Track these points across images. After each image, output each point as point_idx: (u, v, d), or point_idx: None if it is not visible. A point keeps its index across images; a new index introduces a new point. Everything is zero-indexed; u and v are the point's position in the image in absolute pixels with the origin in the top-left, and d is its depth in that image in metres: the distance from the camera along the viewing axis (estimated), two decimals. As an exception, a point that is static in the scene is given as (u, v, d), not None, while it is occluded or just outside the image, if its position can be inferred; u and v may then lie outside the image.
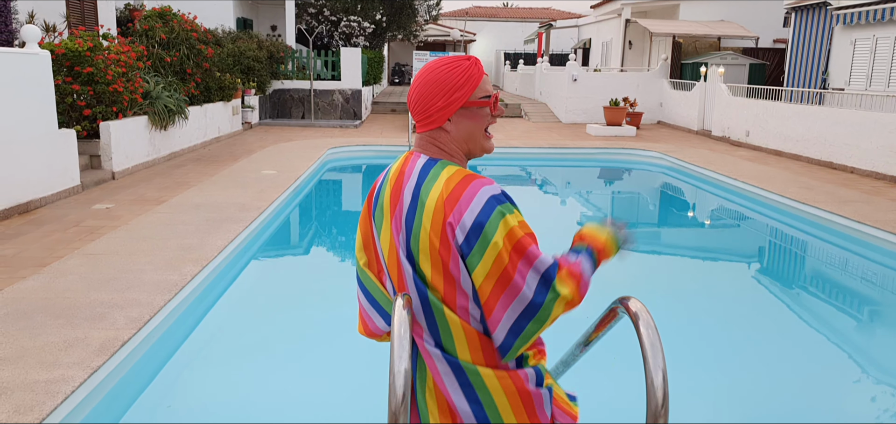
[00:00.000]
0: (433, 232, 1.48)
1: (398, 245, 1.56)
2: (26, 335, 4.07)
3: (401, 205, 1.55)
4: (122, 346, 3.96)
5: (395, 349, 1.40)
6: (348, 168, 13.20)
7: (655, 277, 7.10)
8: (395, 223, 1.57)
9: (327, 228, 8.99)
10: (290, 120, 18.98)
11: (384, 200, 1.61)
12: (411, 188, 1.53)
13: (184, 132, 12.47)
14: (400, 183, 1.57)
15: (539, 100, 24.59)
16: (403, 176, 1.57)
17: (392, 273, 1.61)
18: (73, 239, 6.37)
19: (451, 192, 1.46)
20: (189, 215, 7.44)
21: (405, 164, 1.59)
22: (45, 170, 7.88)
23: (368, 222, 1.72)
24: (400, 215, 1.55)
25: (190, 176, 10.05)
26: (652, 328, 1.53)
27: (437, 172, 1.51)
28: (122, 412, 3.76)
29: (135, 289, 4.94)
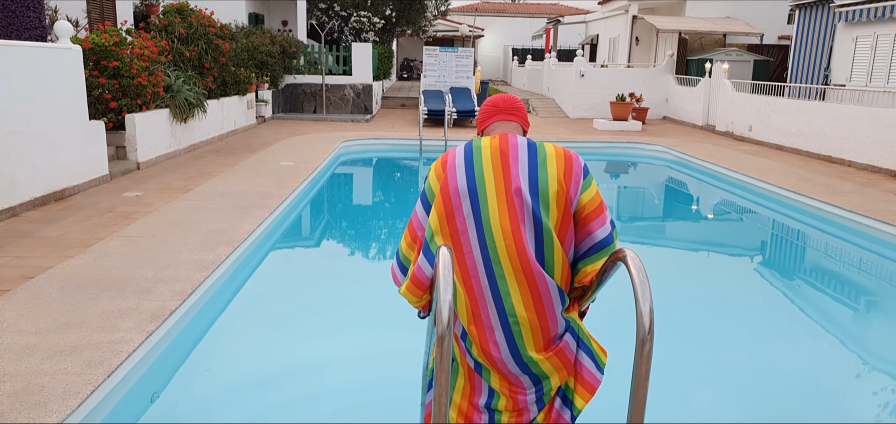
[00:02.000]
0: (562, 176, 2.04)
1: (522, 194, 2.00)
2: (84, 304, 4.52)
3: (518, 165, 2.03)
4: (170, 314, 4.40)
5: (441, 285, 1.82)
6: (361, 161, 13.63)
7: (658, 267, 7.49)
8: (514, 181, 2.01)
9: (340, 213, 9.41)
10: (303, 114, 19.42)
11: (486, 170, 2.04)
12: (526, 152, 2.05)
13: (202, 125, 12.92)
14: (507, 153, 2.06)
15: (547, 95, 24.94)
16: (509, 148, 2.07)
17: (502, 225, 2.00)
18: (111, 223, 6.82)
19: (566, 153, 2.08)
20: (216, 202, 7.88)
21: (503, 143, 2.09)
22: (78, 159, 8.34)
23: (447, 202, 2.07)
24: (517, 173, 2.02)
25: (211, 167, 10.50)
26: (641, 269, 1.93)
27: (542, 143, 2.11)
28: (174, 370, 4.20)
29: (174, 267, 5.38)
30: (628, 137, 15.93)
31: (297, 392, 4.02)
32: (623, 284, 2.15)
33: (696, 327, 5.53)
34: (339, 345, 4.74)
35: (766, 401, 4.18)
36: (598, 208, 2.10)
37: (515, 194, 2.00)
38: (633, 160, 14.56)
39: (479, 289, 2.03)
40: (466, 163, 2.07)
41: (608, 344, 2.35)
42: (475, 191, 2.03)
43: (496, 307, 2.02)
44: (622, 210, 10.46)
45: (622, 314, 3.45)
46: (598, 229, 2.09)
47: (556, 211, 2.02)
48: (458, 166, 2.08)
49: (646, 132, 16.92)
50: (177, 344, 4.40)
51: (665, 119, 20.51)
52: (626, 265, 1.97)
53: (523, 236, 1.99)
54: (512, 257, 1.99)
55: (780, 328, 5.62)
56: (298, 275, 6.53)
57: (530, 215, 2.00)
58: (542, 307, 2.02)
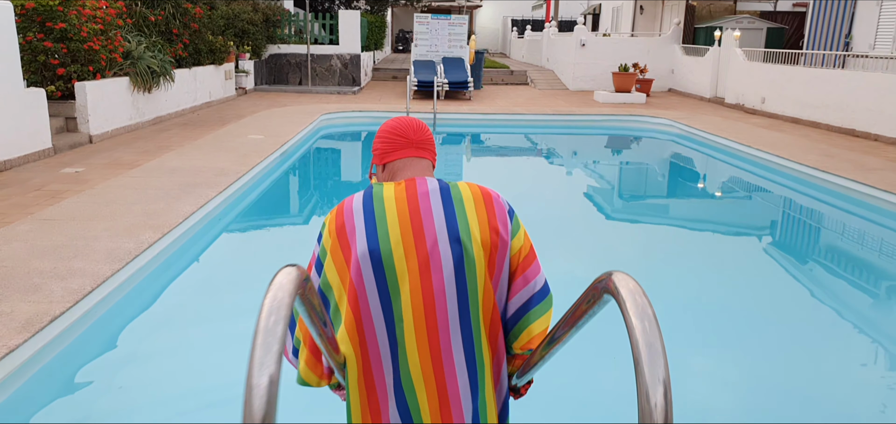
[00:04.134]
0: (487, 219, 1.60)
1: (439, 253, 1.54)
2: (-54, 308, 3.63)
3: (432, 216, 1.57)
4: (50, 322, 3.51)
5: (257, 357, 0.93)
6: (342, 135, 12.69)
7: (662, 250, 6.60)
8: (428, 237, 1.55)
9: (313, 195, 8.51)
10: (287, 86, 18.43)
11: (392, 229, 1.55)
12: (438, 198, 1.59)
13: (170, 96, 11.96)
14: (416, 203, 1.58)
15: (546, 67, 23.91)
16: (419, 197, 1.60)
17: (415, 314, 1.54)
18: (31, 204, 5.92)
19: (484, 191, 1.65)
20: (162, 179, 6.97)
21: (411, 190, 1.61)
22: (10, 131, 7.41)
23: (345, 250, 1.58)
24: (432, 226, 1.55)
25: (173, 140, 9.57)
26: (649, 317, 1.03)
27: (454, 183, 1.65)
28: (42, 400, 3.30)
29: (82, 257, 4.49)
30: (631, 109, 14.94)
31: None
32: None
33: (705, 318, 4.67)
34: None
35: (783, 401, 3.36)
36: (532, 252, 1.70)
37: (431, 254, 1.54)
38: (636, 134, 13.59)
39: (382, 396, 1.58)
40: (367, 220, 1.57)
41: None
42: (379, 261, 1.54)
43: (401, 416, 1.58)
44: (624, 188, 9.55)
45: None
46: (535, 276, 1.67)
47: (486, 265, 1.59)
48: (357, 226, 1.57)
49: (650, 105, 15.92)
50: (56, 365, 3.50)
51: (671, 91, 19.48)
52: (622, 309, 1.07)
53: (447, 333, 1.54)
54: (425, 368, 1.54)
55: (800, 321, 4.74)
56: (248, 268, 5.61)
57: (453, 282, 1.55)
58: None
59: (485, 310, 1.58)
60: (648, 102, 16.50)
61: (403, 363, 1.53)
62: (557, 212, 7.94)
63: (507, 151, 12.66)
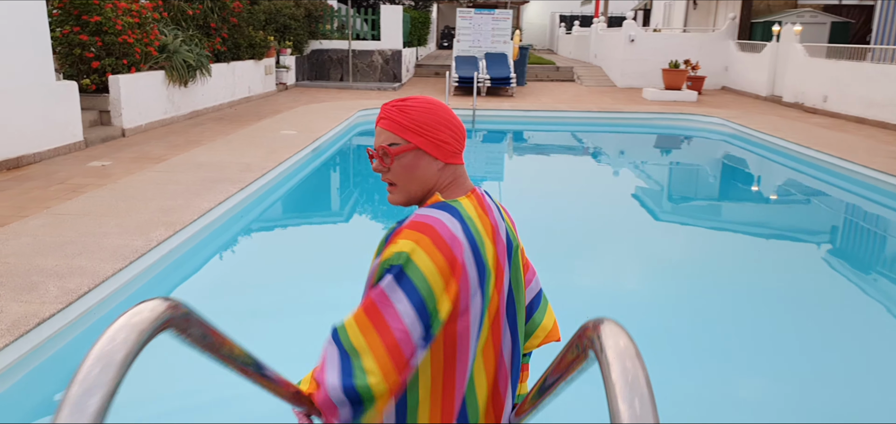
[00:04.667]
0: (512, 221, 1.53)
1: (505, 246, 1.42)
2: (-64, 306, 3.48)
3: (496, 221, 1.42)
4: (36, 325, 3.31)
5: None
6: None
7: (713, 256, 6.12)
8: (498, 237, 1.39)
9: (343, 193, 8.27)
10: (328, 82, 18.36)
11: (484, 237, 1.35)
12: (496, 210, 1.45)
13: (207, 90, 11.94)
14: (486, 209, 1.41)
15: (594, 63, 23.28)
16: (485, 203, 1.43)
17: (496, 286, 1.38)
18: (51, 198, 5.83)
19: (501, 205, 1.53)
20: (186, 174, 6.83)
21: (480, 200, 1.42)
22: (39, 123, 7.39)
23: (460, 282, 1.28)
24: (498, 228, 1.42)
25: (205, 135, 9.49)
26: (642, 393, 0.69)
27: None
28: (17, 415, 3.10)
29: (86, 255, 4.31)
30: (681, 107, 14.29)
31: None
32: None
33: (757, 328, 4.21)
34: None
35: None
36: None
37: (503, 265, 1.41)
38: (687, 134, 12.96)
39: (456, 397, 1.35)
40: (474, 249, 1.32)
41: None
42: (484, 284, 1.34)
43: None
44: (673, 189, 9.03)
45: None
46: (535, 275, 1.66)
47: (522, 267, 1.55)
48: (469, 259, 1.30)
49: (701, 103, 15.22)
50: (39, 373, 3.30)
51: (724, 89, 18.65)
52: (602, 363, 0.74)
53: (505, 334, 1.43)
54: (488, 371, 1.39)
55: (863, 336, 4.22)
56: (266, 270, 5.38)
57: (507, 285, 1.43)
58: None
59: (523, 310, 1.51)
60: (700, 100, 15.79)
61: (476, 367, 1.36)
62: (602, 213, 7.51)
63: (549, 149, 12.22)
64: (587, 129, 13.19)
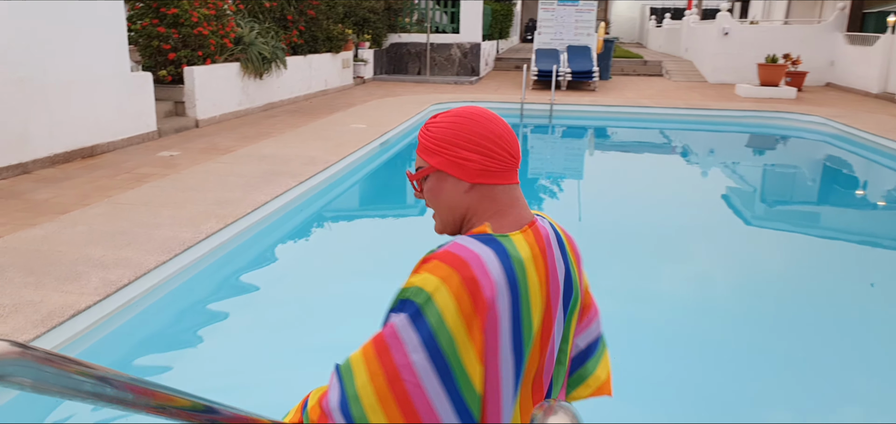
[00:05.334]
0: (578, 265, 1.31)
1: (559, 298, 1.22)
2: (-19, 293, 3.53)
3: (555, 266, 1.21)
4: (70, 317, 3.29)
5: None
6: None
7: (811, 265, 5.56)
8: (553, 286, 1.19)
9: (409, 189, 8.10)
10: (406, 76, 18.35)
11: (536, 290, 1.15)
12: (556, 243, 1.24)
13: (283, 83, 12.10)
14: (545, 251, 1.20)
15: (684, 57, 22.23)
16: (545, 242, 1.21)
17: (537, 354, 1.18)
18: (115, 187, 5.95)
19: (567, 234, 1.31)
20: (249, 166, 6.84)
21: (540, 244, 1.20)
22: (114, 113, 7.62)
23: (489, 335, 1.09)
24: (557, 277, 1.21)
25: (276, 127, 9.57)
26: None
27: (552, 226, 1.27)
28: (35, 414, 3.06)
29: (134, 246, 4.31)
30: (778, 105, 13.32)
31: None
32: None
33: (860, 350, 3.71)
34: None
35: None
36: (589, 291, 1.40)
37: (554, 318, 1.20)
38: (783, 133, 12.06)
39: None
40: (513, 303, 1.11)
41: None
42: (520, 348, 1.13)
43: None
44: (766, 193, 8.36)
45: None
46: (597, 316, 1.41)
47: (575, 322, 1.31)
48: (503, 309, 1.09)
49: (801, 100, 14.15)
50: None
51: (828, 86, 17.32)
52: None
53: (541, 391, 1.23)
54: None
55: None
56: (321, 269, 5.26)
57: (557, 337, 1.22)
58: None
59: (565, 364, 1.32)
60: (799, 97, 14.69)
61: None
62: (688, 216, 7.01)
63: (631, 146, 11.66)
64: (672, 126, 12.50)
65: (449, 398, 1.06)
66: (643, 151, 11.35)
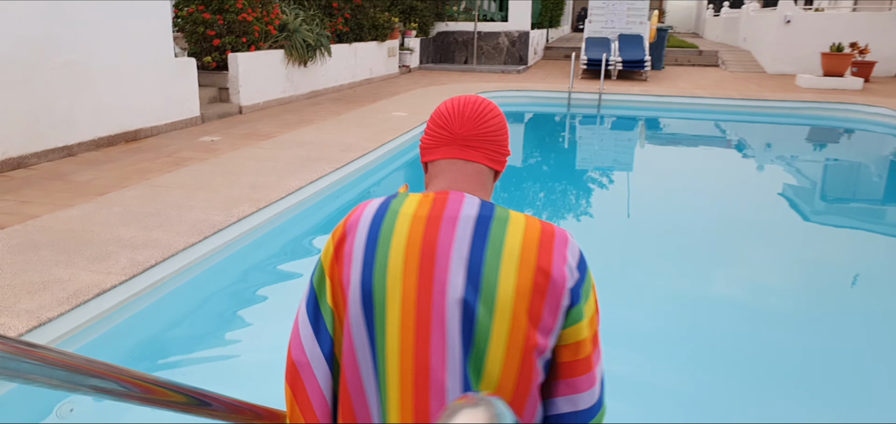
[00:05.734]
0: (533, 272, 1.09)
1: (446, 285, 1.09)
2: (14, 269, 3.59)
3: (450, 253, 1.11)
4: (95, 296, 3.31)
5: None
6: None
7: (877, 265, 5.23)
8: (438, 281, 1.10)
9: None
10: (452, 65, 18.25)
11: (393, 261, 1.12)
12: (472, 224, 1.13)
13: (327, 70, 12.15)
14: (439, 219, 1.14)
15: (742, 47, 21.46)
16: (443, 223, 1.13)
17: (405, 329, 1.11)
18: (154, 170, 6.04)
19: (547, 230, 1.14)
20: (287, 152, 6.87)
21: (436, 209, 1.15)
22: (158, 98, 7.75)
23: (342, 270, 1.17)
24: (447, 266, 1.10)
25: (318, 115, 9.61)
26: None
27: (506, 213, 1.15)
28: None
29: (166, 228, 4.34)
30: (842, 96, 12.70)
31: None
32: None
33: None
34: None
35: None
36: (592, 343, 1.14)
37: (434, 308, 1.08)
38: (847, 126, 11.49)
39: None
40: (369, 241, 1.15)
41: None
42: (370, 298, 1.12)
43: None
44: (827, 190, 7.96)
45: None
46: (586, 387, 1.14)
47: (511, 337, 1.08)
48: (357, 249, 1.15)
49: (868, 91, 13.46)
50: (87, 349, 3.29)
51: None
52: None
53: (441, 394, 1.09)
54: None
55: None
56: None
57: (458, 353, 1.08)
58: None
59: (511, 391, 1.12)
60: (866, 88, 13.98)
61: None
62: (743, 212, 6.71)
63: (681, 138, 11.30)
64: (727, 117, 12.06)
65: (311, 324, 1.21)
66: (695, 144, 10.99)
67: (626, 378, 3.14)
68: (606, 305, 3.74)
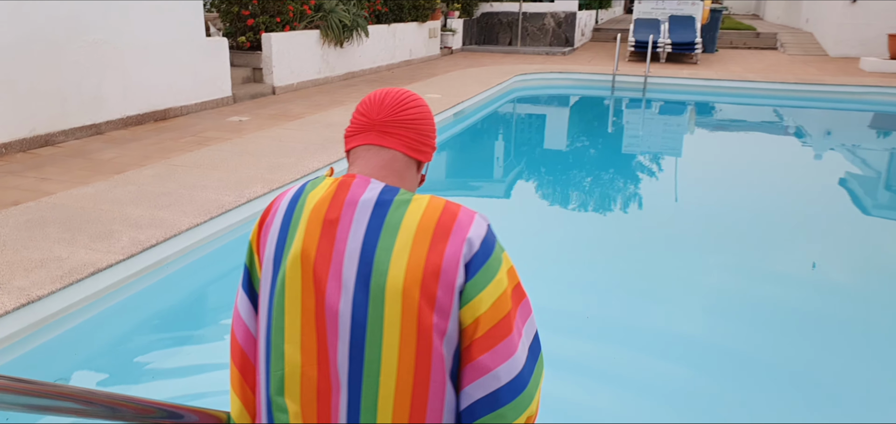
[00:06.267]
0: (425, 259, 1.09)
1: (339, 289, 1.10)
2: (17, 246, 3.62)
3: (347, 236, 1.12)
4: (89, 275, 3.30)
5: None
6: (535, 99, 11.83)
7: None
8: (334, 264, 1.12)
9: (477, 162, 7.85)
10: (496, 46, 18.00)
11: (296, 238, 1.15)
12: (370, 209, 1.13)
13: (365, 52, 12.10)
14: (340, 204, 1.15)
15: (804, 29, 20.53)
16: (346, 197, 1.15)
17: (294, 345, 1.15)
18: (176, 149, 6.07)
19: (449, 212, 1.13)
20: (313, 133, 6.83)
21: (340, 193, 1.16)
22: (188, 78, 7.82)
23: (259, 247, 1.27)
24: (343, 249, 1.12)
25: (351, 96, 9.56)
26: None
27: (408, 196, 1.15)
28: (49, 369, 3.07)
29: (174, 207, 4.33)
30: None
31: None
32: None
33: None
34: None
35: None
36: (503, 323, 1.10)
37: (329, 291, 1.10)
38: (914, 113, 10.81)
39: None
40: (282, 228, 1.19)
41: None
42: (275, 272, 1.17)
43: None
44: (891, 181, 7.49)
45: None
46: (493, 363, 1.08)
47: (404, 318, 1.07)
48: (272, 233, 1.20)
49: (940, 76, 12.66)
50: (78, 331, 3.28)
51: (977, 61, 15.43)
52: None
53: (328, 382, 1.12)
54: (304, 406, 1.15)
55: None
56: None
57: (347, 332, 1.10)
58: None
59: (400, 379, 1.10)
60: (938, 72, 13.16)
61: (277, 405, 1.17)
62: (798, 202, 6.36)
63: (731, 124, 10.83)
64: (781, 103, 11.51)
65: (249, 299, 1.30)
66: (746, 130, 10.51)
67: (668, 375, 2.96)
68: (650, 296, 3.49)
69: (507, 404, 1.10)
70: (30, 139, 5.92)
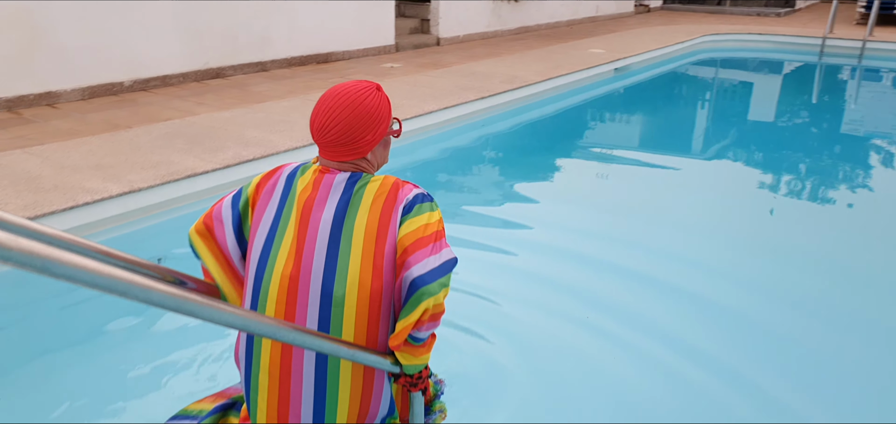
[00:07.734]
0: (380, 209, 1.52)
1: (317, 231, 1.53)
2: (147, 150, 4.49)
3: (325, 204, 1.53)
4: (186, 177, 4.04)
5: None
6: (723, 63, 11.11)
7: None
8: (313, 221, 1.53)
9: (619, 124, 7.69)
10: (703, 6, 16.98)
11: (298, 189, 1.56)
12: (342, 187, 1.54)
13: (543, 6, 12.23)
14: (315, 193, 1.55)
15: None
16: (322, 188, 1.55)
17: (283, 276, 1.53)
18: (317, 87, 6.84)
19: (398, 184, 1.56)
20: (449, 80, 7.24)
21: (318, 179, 1.57)
22: (351, 25, 8.62)
23: (257, 201, 1.62)
24: (321, 214, 1.53)
25: (512, 49, 9.82)
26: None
27: (366, 178, 1.56)
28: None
29: (285, 133, 5.00)
30: None
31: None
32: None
33: None
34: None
35: None
36: (421, 240, 1.51)
37: (305, 252, 1.52)
38: None
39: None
40: (282, 196, 1.58)
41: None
42: (270, 244, 1.55)
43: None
44: None
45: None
46: (415, 265, 1.48)
47: (365, 259, 1.51)
48: (274, 198, 1.58)
49: None
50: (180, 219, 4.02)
51: None
52: None
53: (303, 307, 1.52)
54: (272, 374, 1.54)
55: None
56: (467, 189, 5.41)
57: (320, 272, 1.51)
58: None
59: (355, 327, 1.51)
60: None
61: (256, 352, 1.55)
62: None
63: None
64: None
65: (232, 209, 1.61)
66: None
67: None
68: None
69: (414, 293, 1.45)
70: (203, 71, 7.04)
